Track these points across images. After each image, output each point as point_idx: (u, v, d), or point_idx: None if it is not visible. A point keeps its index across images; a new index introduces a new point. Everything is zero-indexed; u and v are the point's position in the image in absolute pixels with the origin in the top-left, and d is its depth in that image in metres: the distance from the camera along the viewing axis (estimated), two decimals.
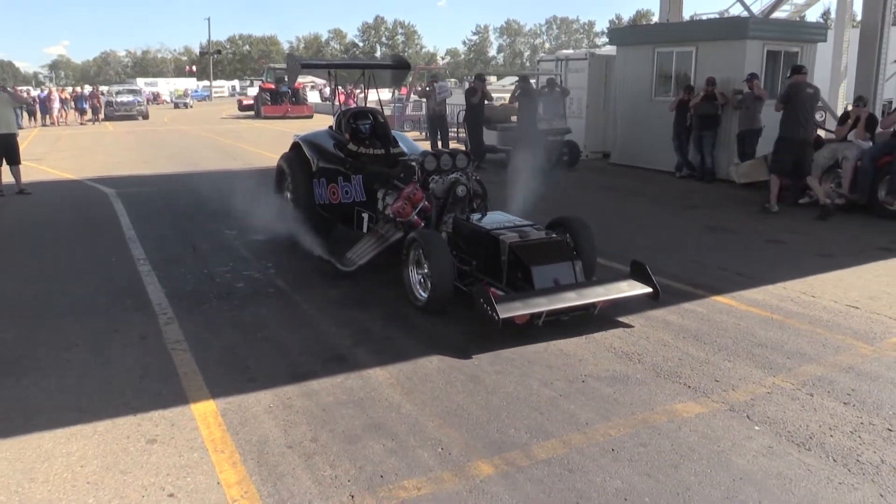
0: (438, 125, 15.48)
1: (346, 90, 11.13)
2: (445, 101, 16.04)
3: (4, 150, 10.64)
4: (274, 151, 12.59)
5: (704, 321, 5.08)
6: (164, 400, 3.83)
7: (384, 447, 3.35)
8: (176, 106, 49.73)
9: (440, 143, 15.18)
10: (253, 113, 35.14)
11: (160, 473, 3.14)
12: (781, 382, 4.06)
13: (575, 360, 4.39)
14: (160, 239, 7.67)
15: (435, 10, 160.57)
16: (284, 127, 25.07)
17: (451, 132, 16.60)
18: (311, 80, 44.35)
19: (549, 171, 9.59)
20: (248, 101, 39.33)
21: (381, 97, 8.17)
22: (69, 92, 35.64)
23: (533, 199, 6.94)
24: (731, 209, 9.44)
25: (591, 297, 4.81)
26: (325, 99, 38.69)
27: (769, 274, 6.20)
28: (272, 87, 33.86)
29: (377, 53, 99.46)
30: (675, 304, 5.37)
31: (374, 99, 8.10)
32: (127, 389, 3.97)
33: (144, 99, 37.55)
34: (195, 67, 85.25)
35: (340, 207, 6.89)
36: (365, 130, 7.25)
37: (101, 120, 31.83)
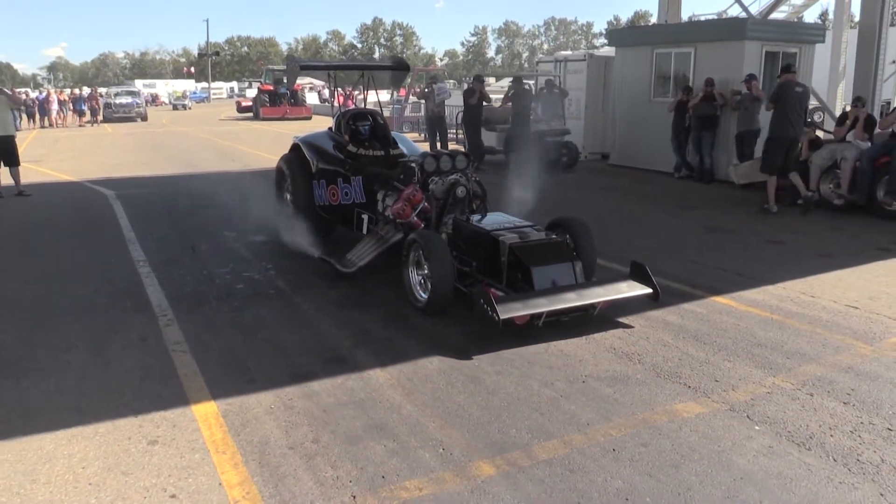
0: (437, 126, 15.49)
1: (344, 92, 11.09)
2: (444, 102, 16.06)
3: (3, 152, 10.65)
4: (272, 153, 12.61)
5: (704, 321, 5.09)
6: (164, 401, 3.83)
7: (385, 448, 3.36)
8: (174, 107, 49.79)
9: (439, 144, 15.20)
10: (251, 114, 35.14)
11: (162, 475, 3.14)
12: (781, 382, 4.07)
13: (575, 360, 4.39)
14: (160, 240, 7.67)
15: (433, 11, 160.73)
16: (283, 128, 25.08)
17: (449, 133, 16.61)
18: (309, 81, 44.35)
19: (545, 171, 9.59)
20: (246, 102, 39.39)
21: (380, 99, 8.15)
22: (67, 94, 35.59)
23: (530, 199, 6.95)
24: (730, 210, 9.46)
25: (591, 297, 4.82)
26: (323, 100, 38.69)
27: (769, 274, 6.21)
28: (271, 88, 33.87)
29: (375, 55, 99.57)
30: (674, 304, 5.38)
31: (373, 100, 8.09)
32: (127, 391, 3.97)
33: (143, 101, 37.56)
34: (193, 69, 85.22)
35: (340, 209, 6.90)
36: (364, 132, 7.25)
37: (99, 122, 31.81)
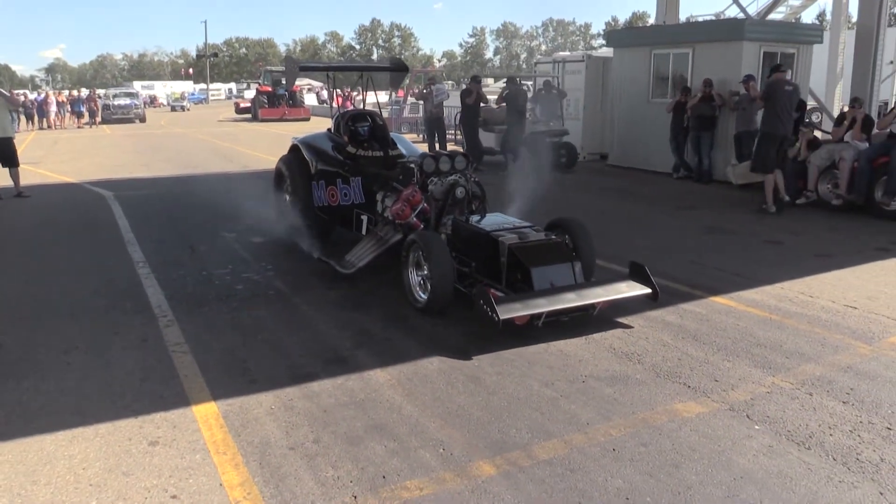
0: (436, 127, 15.50)
1: (343, 93, 11.14)
2: (443, 103, 16.07)
3: (2, 153, 10.64)
4: (271, 154, 12.62)
5: (703, 321, 5.10)
6: (165, 402, 3.84)
7: (386, 448, 3.36)
8: (173, 109, 49.80)
9: (438, 145, 15.21)
10: (250, 116, 35.15)
11: (163, 475, 3.14)
12: (781, 382, 4.08)
13: (575, 360, 4.40)
14: (159, 241, 7.67)
15: (431, 12, 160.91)
16: (281, 129, 25.09)
17: (448, 134, 16.62)
18: (307, 82, 44.42)
19: (544, 171, 9.60)
20: (245, 103, 39.41)
21: (378, 100, 8.16)
22: (66, 95, 35.56)
23: (529, 200, 6.95)
24: (728, 210, 9.47)
25: (590, 297, 4.83)
26: (322, 101, 38.71)
27: (767, 274, 6.22)
28: (269, 89, 33.88)
29: (374, 56, 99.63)
30: (673, 304, 5.39)
31: (371, 101, 8.10)
32: (128, 392, 3.97)
33: (141, 102, 37.53)
34: (192, 70, 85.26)
35: (339, 210, 6.90)
36: (363, 133, 7.25)
37: (98, 123, 31.83)
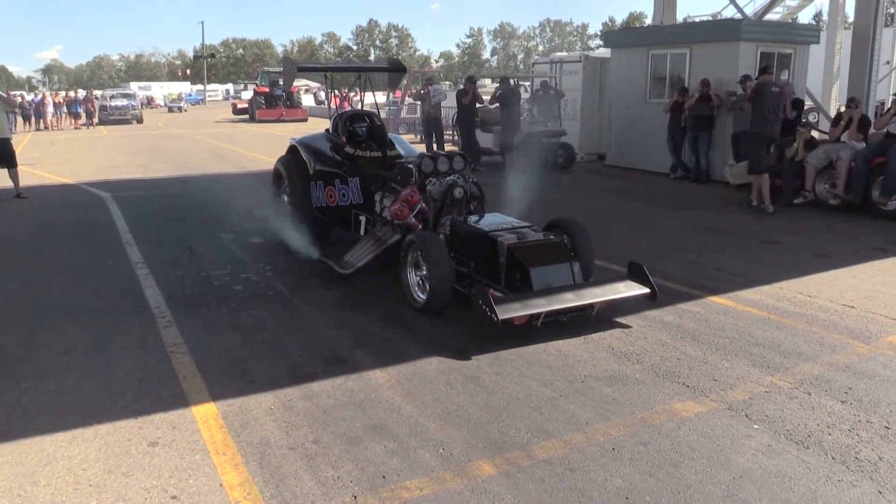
0: (433, 128, 15.50)
1: (341, 93, 11.16)
2: (440, 103, 16.07)
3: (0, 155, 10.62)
4: (268, 155, 12.61)
5: (702, 321, 5.11)
6: (164, 402, 3.84)
7: (386, 448, 3.36)
8: (170, 110, 49.72)
9: (435, 145, 15.21)
10: (247, 116, 35.09)
11: (162, 476, 3.14)
12: (779, 381, 4.09)
13: (574, 360, 4.41)
14: (157, 242, 7.67)
15: (428, 13, 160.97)
16: (279, 130, 25.06)
17: (445, 134, 16.62)
18: (304, 83, 44.39)
19: (542, 172, 9.61)
20: (242, 104, 39.32)
21: (376, 100, 8.16)
22: (63, 96, 35.49)
23: (527, 200, 6.96)
24: (726, 210, 9.49)
25: (589, 297, 4.84)
26: (319, 102, 38.70)
27: (765, 274, 6.24)
28: (266, 90, 33.84)
29: (371, 57, 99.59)
30: (672, 304, 5.40)
31: (369, 102, 8.11)
32: (127, 392, 3.97)
33: (138, 103, 37.44)
34: (189, 71, 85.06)
35: (338, 210, 6.90)
36: (362, 133, 7.25)
37: (95, 124, 31.74)
